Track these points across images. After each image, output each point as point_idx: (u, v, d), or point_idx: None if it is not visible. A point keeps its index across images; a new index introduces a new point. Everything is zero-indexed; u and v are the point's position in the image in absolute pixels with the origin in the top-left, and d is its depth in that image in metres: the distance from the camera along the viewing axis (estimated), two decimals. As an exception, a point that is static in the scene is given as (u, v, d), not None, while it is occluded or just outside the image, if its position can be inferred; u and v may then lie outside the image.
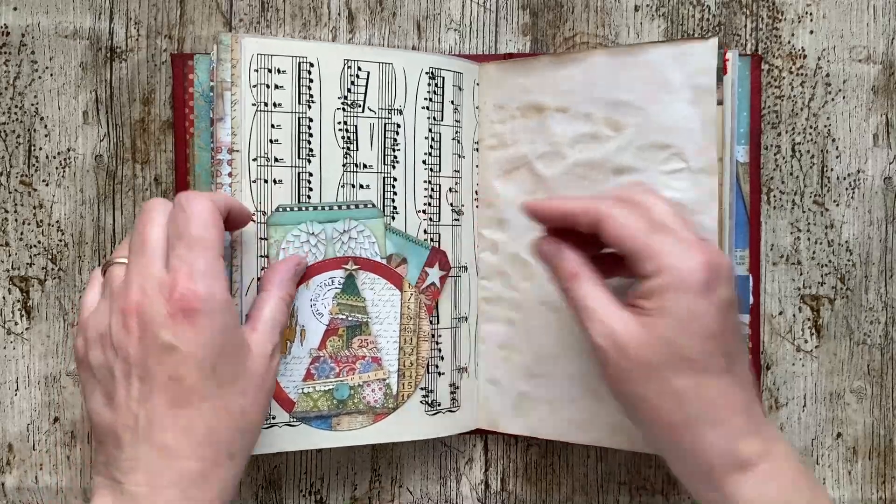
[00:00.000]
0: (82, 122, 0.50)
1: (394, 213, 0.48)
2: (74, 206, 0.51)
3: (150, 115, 0.51)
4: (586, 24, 0.51)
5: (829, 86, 0.51)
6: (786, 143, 0.51)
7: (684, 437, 0.36)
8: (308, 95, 0.47)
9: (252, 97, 0.45)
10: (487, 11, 0.51)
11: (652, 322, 0.35)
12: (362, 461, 0.52)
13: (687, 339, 0.35)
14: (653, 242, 0.35)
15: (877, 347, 0.51)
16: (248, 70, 0.45)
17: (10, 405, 0.51)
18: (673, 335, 0.35)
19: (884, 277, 0.51)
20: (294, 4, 0.51)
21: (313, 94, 0.47)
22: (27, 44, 0.50)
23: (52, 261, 0.51)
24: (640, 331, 0.35)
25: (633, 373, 0.35)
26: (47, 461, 0.51)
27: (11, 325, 0.51)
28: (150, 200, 0.39)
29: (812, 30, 0.51)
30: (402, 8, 0.51)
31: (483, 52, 0.51)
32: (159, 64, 0.50)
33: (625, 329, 0.35)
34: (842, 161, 0.51)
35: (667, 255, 0.35)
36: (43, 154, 0.50)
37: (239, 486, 0.51)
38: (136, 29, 0.50)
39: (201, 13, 0.51)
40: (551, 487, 0.52)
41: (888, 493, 0.51)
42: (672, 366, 0.35)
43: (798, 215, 0.51)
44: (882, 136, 0.51)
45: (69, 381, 0.51)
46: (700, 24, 0.51)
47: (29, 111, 0.50)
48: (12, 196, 0.50)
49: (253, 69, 0.45)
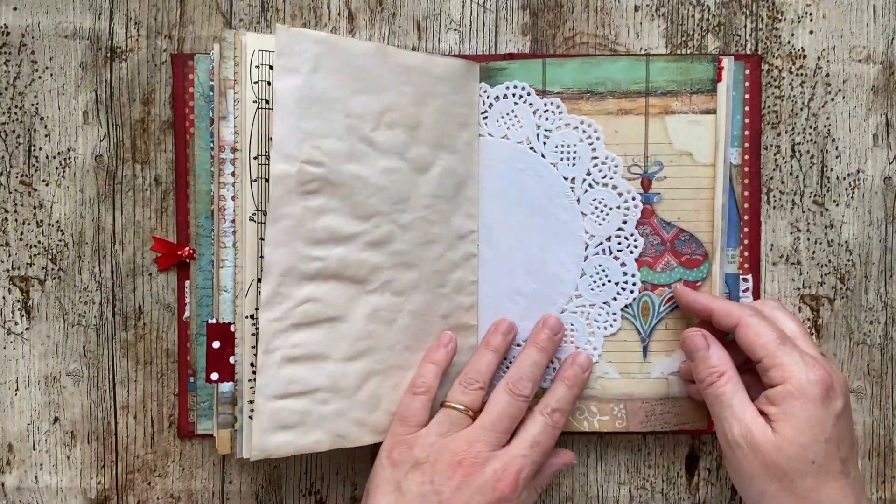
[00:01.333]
0: (82, 122, 0.50)
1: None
2: (74, 206, 0.51)
3: (150, 115, 0.51)
4: (586, 24, 0.51)
5: (829, 86, 0.51)
6: (786, 143, 0.51)
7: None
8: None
9: (253, 94, 0.45)
10: (487, 11, 0.51)
11: (781, 426, 0.40)
12: (362, 461, 0.52)
13: (811, 443, 0.40)
14: (781, 354, 0.41)
15: (876, 347, 0.51)
16: (250, 67, 0.45)
17: (10, 405, 0.51)
18: (800, 438, 0.40)
19: (884, 277, 0.51)
20: (294, 4, 0.51)
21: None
22: (27, 44, 0.50)
23: (52, 261, 0.51)
24: (773, 436, 0.40)
25: (762, 473, 0.40)
26: (47, 461, 0.51)
27: (11, 325, 0.51)
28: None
29: (812, 30, 0.51)
30: (401, 8, 0.51)
31: (483, 52, 0.51)
32: (159, 64, 0.50)
33: (760, 432, 0.40)
34: (842, 161, 0.51)
35: (792, 367, 0.41)
36: (43, 154, 0.50)
37: (239, 486, 0.51)
38: (137, 29, 0.50)
39: (201, 13, 0.51)
40: (551, 487, 0.52)
41: (888, 493, 0.51)
42: (798, 468, 0.40)
43: (798, 215, 0.51)
44: (882, 136, 0.51)
45: (69, 380, 0.51)
46: (700, 24, 0.51)
47: (29, 111, 0.50)
48: (12, 196, 0.50)
49: (254, 66, 0.45)
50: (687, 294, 0.47)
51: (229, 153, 0.46)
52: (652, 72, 0.48)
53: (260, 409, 0.44)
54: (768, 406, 0.41)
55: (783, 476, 0.40)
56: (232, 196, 0.46)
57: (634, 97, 0.48)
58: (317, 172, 0.44)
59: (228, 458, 0.51)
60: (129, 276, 0.51)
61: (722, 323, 0.44)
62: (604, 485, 0.52)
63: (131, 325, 0.51)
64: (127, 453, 0.51)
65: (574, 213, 0.49)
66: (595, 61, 0.48)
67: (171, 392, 0.51)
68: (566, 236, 0.49)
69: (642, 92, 0.48)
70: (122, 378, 0.51)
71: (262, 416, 0.44)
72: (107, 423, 0.51)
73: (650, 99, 0.48)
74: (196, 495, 0.51)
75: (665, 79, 0.48)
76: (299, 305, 0.44)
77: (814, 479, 0.40)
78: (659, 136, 0.48)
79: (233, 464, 0.51)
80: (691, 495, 0.52)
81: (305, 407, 0.45)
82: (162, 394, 0.51)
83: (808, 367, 0.41)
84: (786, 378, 0.41)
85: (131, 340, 0.51)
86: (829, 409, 0.40)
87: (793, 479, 0.40)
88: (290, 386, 0.44)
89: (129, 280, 0.51)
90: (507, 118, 0.49)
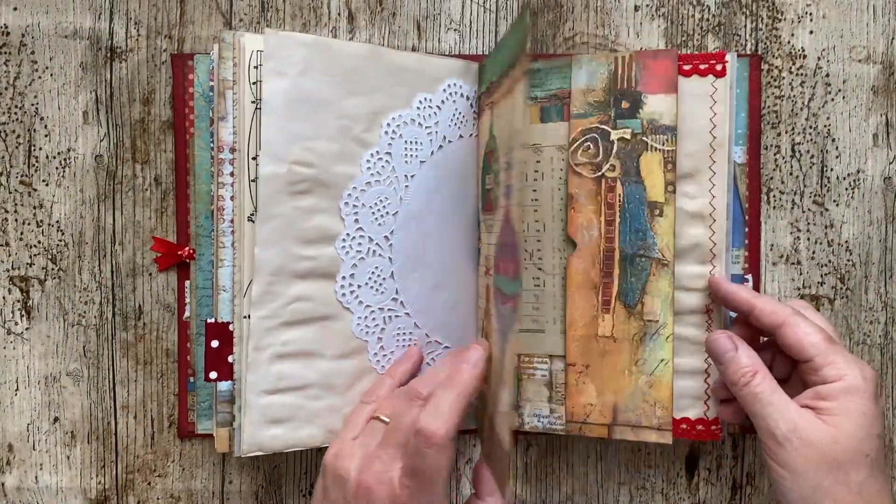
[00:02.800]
0: (82, 122, 0.50)
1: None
2: (74, 206, 0.51)
3: (150, 115, 0.51)
4: (586, 24, 0.51)
5: (829, 86, 0.51)
6: (786, 143, 0.51)
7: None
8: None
9: (252, 95, 0.45)
10: (487, 11, 0.51)
11: (836, 421, 0.40)
12: (362, 461, 0.52)
13: (867, 437, 0.40)
14: (834, 351, 0.42)
15: (876, 347, 0.51)
16: (248, 67, 0.45)
17: (10, 405, 0.51)
18: (857, 432, 0.40)
19: (883, 277, 0.51)
20: (294, 4, 0.51)
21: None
22: (27, 44, 0.50)
23: (52, 261, 0.51)
24: (826, 428, 0.40)
25: (818, 464, 0.40)
26: (47, 461, 0.51)
27: (11, 325, 0.51)
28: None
29: (812, 30, 0.51)
30: (401, 8, 0.51)
31: (483, 52, 0.51)
32: (159, 64, 0.50)
33: (809, 425, 0.41)
34: (842, 161, 0.51)
35: (848, 364, 0.41)
36: (43, 154, 0.50)
37: (239, 486, 0.51)
38: (136, 29, 0.50)
39: (201, 13, 0.51)
40: (551, 487, 0.52)
41: (888, 493, 0.51)
42: (855, 461, 0.40)
43: (798, 215, 0.51)
44: (882, 135, 0.51)
45: (69, 380, 0.51)
46: (700, 24, 0.51)
47: (29, 111, 0.50)
48: (12, 196, 0.50)
49: (253, 66, 0.45)
50: (725, 286, 0.46)
51: (228, 153, 0.46)
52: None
53: (250, 405, 0.45)
54: (819, 402, 0.41)
55: (838, 468, 0.40)
56: (230, 196, 0.46)
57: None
58: (307, 173, 0.45)
59: (228, 458, 0.51)
60: (129, 276, 0.51)
61: (764, 321, 0.43)
62: (604, 485, 0.52)
63: (131, 325, 0.51)
64: (127, 453, 0.51)
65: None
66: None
67: (171, 392, 0.51)
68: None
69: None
70: (122, 378, 0.51)
71: (252, 411, 0.45)
72: (107, 423, 0.51)
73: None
74: (196, 495, 0.51)
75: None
76: (290, 304, 0.45)
77: (867, 472, 0.40)
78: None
79: (233, 464, 0.51)
80: (691, 495, 0.52)
81: (296, 402, 0.46)
82: (162, 394, 0.51)
83: (860, 366, 0.41)
84: (842, 375, 0.41)
85: (131, 340, 0.51)
86: (880, 406, 0.41)
87: (847, 472, 0.40)
88: (280, 382, 0.45)
89: (129, 280, 0.51)
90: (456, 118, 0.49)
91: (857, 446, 0.40)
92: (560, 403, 0.49)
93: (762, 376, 0.43)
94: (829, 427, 0.40)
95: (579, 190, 0.49)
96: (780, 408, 0.41)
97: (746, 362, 0.43)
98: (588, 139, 0.49)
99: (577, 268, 0.49)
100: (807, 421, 0.41)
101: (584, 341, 0.49)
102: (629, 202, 0.48)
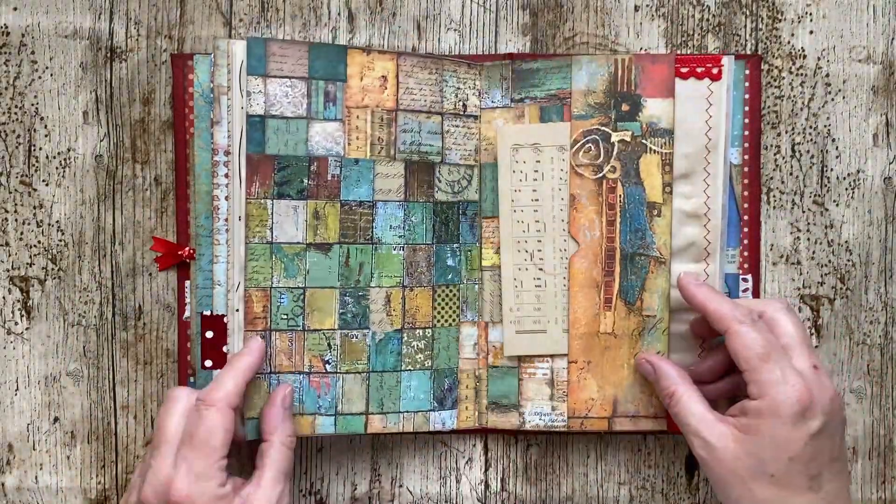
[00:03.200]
0: (82, 122, 0.50)
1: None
2: (74, 206, 0.51)
3: (150, 115, 0.51)
4: (586, 24, 0.51)
5: (829, 86, 0.51)
6: (786, 143, 0.51)
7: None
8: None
9: (243, 101, 0.46)
10: (487, 11, 0.51)
11: (744, 438, 0.41)
12: (362, 461, 0.52)
13: (772, 458, 0.40)
14: (762, 370, 0.41)
15: (876, 347, 0.51)
16: (240, 75, 0.46)
17: (10, 405, 0.51)
18: (760, 452, 0.41)
19: (884, 277, 0.51)
20: (294, 4, 0.51)
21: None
22: (27, 44, 0.50)
23: (52, 261, 0.51)
24: (734, 445, 0.41)
25: (725, 479, 0.42)
26: (47, 461, 0.51)
27: (11, 325, 0.51)
28: (173, 390, 0.44)
29: (812, 30, 0.51)
30: (401, 8, 0.51)
31: (483, 52, 0.51)
32: (159, 64, 0.50)
33: (719, 442, 0.42)
34: (842, 161, 0.51)
35: (770, 385, 0.41)
36: (43, 154, 0.50)
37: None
38: (136, 29, 0.50)
39: (201, 13, 0.51)
40: (551, 487, 0.52)
41: (888, 494, 0.51)
42: (756, 478, 0.41)
43: (798, 215, 0.51)
44: (882, 136, 0.51)
45: (69, 380, 0.51)
46: (700, 24, 0.51)
47: (29, 111, 0.50)
48: (12, 196, 0.50)
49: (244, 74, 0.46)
50: (688, 287, 0.46)
51: (223, 156, 0.46)
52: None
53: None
54: (740, 416, 0.42)
55: (742, 482, 0.41)
56: (225, 196, 0.46)
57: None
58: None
59: (228, 458, 0.51)
60: (129, 276, 0.51)
61: (715, 326, 0.44)
62: (604, 485, 0.52)
63: (131, 325, 0.51)
64: (127, 453, 0.51)
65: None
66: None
67: (171, 392, 0.51)
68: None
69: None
70: (122, 378, 0.51)
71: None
72: (107, 423, 0.51)
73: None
74: (196, 495, 0.51)
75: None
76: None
77: (774, 490, 0.40)
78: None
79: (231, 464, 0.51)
80: (691, 495, 0.52)
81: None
82: (162, 394, 0.51)
83: (787, 386, 0.40)
84: (761, 395, 0.41)
85: (131, 340, 0.51)
86: (802, 429, 0.40)
87: (751, 488, 0.41)
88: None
89: (129, 280, 0.51)
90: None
91: (757, 466, 0.41)
92: (562, 400, 0.49)
93: (680, 393, 0.44)
94: (736, 444, 0.41)
95: (581, 191, 0.49)
96: (693, 427, 0.43)
97: (664, 384, 0.45)
98: (589, 140, 0.49)
99: (579, 267, 0.49)
100: (717, 438, 0.42)
101: (586, 339, 0.49)
102: (629, 203, 0.49)
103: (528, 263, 0.50)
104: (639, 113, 0.48)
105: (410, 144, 0.48)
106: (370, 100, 0.48)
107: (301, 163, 0.47)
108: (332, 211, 0.47)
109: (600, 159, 0.49)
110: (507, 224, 0.50)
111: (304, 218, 0.47)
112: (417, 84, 0.48)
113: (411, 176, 0.49)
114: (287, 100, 0.46)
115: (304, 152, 0.47)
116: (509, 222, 0.50)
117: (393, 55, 0.48)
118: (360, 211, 0.48)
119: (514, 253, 0.50)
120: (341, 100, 0.47)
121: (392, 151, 0.48)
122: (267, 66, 0.46)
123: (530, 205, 0.49)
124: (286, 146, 0.47)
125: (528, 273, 0.50)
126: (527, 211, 0.49)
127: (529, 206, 0.49)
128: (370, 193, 0.48)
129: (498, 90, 0.50)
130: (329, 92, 0.47)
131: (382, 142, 0.48)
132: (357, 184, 0.47)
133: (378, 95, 0.48)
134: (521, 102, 0.49)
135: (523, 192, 0.49)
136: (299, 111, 0.47)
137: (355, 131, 0.47)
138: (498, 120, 0.50)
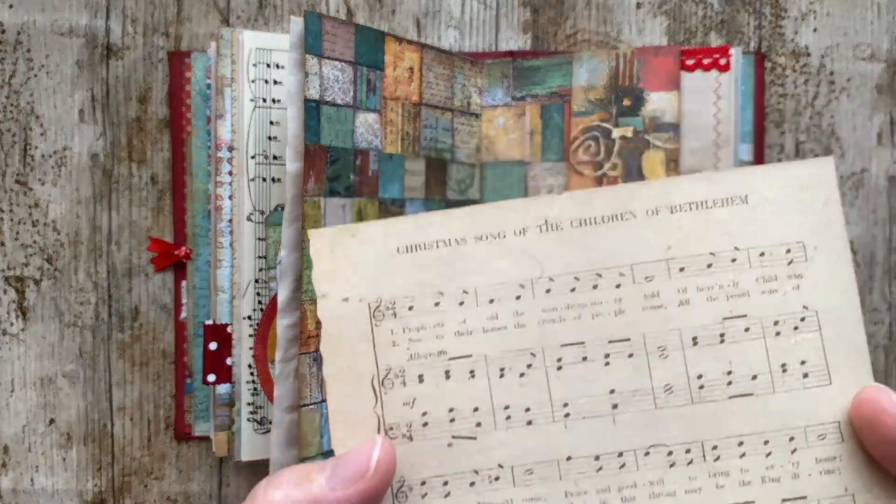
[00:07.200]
0: (78, 120, 0.50)
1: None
2: (70, 206, 0.50)
3: (146, 113, 0.50)
4: (588, 21, 0.50)
5: (833, 84, 0.50)
6: (789, 141, 0.50)
7: None
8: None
9: (251, 93, 0.45)
10: (488, 8, 0.51)
11: None
12: (361, 463, 0.51)
13: None
14: None
15: (881, 349, 0.51)
16: (247, 65, 0.45)
17: (6, 407, 0.50)
18: None
19: (888, 277, 0.50)
20: (292, 1, 0.50)
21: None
22: (23, 41, 0.50)
23: (47, 261, 0.50)
24: None
25: None
26: (43, 463, 0.51)
27: (7, 326, 0.50)
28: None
29: (816, 27, 0.50)
30: (401, 5, 0.50)
31: (483, 49, 0.50)
32: (156, 62, 0.50)
33: None
34: (845, 160, 0.50)
35: None
36: (38, 153, 0.50)
37: (236, 489, 0.51)
38: (133, 26, 0.50)
39: (198, 10, 0.50)
40: (552, 490, 0.51)
41: (893, 496, 0.51)
42: None
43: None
44: (886, 134, 0.50)
45: (65, 382, 0.50)
46: (703, 21, 0.50)
47: (24, 109, 0.50)
48: (8, 195, 0.50)
49: (251, 64, 0.45)
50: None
51: (226, 152, 0.45)
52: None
53: (277, 422, 0.40)
54: None
55: None
56: (229, 195, 0.45)
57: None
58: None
59: (226, 461, 0.51)
60: (126, 277, 0.50)
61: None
62: None
63: (127, 326, 0.50)
64: (123, 455, 0.51)
65: None
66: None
67: (168, 394, 0.50)
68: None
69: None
70: (119, 379, 0.50)
71: (278, 429, 0.39)
72: (103, 425, 0.50)
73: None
74: (193, 498, 0.51)
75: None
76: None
77: None
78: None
79: (230, 466, 0.51)
80: None
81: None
82: (158, 395, 0.50)
83: None
84: None
85: (127, 341, 0.50)
86: None
87: None
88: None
89: (125, 280, 0.50)
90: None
91: None
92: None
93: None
94: None
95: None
96: None
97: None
98: (589, 137, 0.48)
99: (578, 268, 0.48)
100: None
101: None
102: (631, 201, 0.48)
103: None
104: (641, 107, 0.47)
105: (430, 141, 0.47)
106: (401, 92, 0.45)
107: (348, 156, 0.42)
108: (371, 210, 0.43)
109: (600, 156, 0.48)
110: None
111: (350, 219, 0.42)
112: (436, 79, 0.46)
113: (430, 174, 0.47)
114: (338, 85, 0.41)
115: (351, 145, 0.42)
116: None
117: (417, 47, 0.45)
118: (393, 210, 0.45)
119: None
120: (380, 89, 0.43)
121: (416, 147, 0.46)
122: (322, 45, 0.40)
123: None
124: (336, 137, 0.41)
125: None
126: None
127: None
128: (400, 191, 0.45)
129: (499, 88, 0.49)
130: (370, 80, 0.43)
131: (410, 137, 0.45)
132: (390, 181, 0.44)
133: (406, 88, 0.45)
134: (521, 101, 0.49)
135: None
136: (347, 99, 0.41)
137: (389, 124, 0.44)
138: (499, 119, 0.49)
